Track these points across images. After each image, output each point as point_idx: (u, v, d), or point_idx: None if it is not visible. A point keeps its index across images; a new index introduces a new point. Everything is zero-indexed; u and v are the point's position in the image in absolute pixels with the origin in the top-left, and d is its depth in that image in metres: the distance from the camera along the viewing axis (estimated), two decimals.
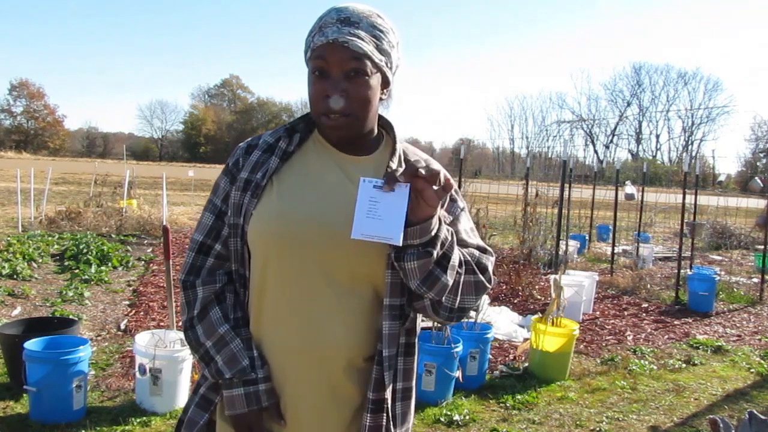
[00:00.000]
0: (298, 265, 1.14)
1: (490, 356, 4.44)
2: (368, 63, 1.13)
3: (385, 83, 1.21)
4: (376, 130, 1.26)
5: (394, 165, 1.22)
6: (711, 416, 2.46)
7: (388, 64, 1.19)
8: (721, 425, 2.55)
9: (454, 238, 1.13)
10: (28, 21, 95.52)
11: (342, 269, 1.14)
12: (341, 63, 1.12)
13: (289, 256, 1.14)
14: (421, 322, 1.31)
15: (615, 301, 7.06)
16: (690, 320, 6.38)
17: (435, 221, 1.07)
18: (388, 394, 1.17)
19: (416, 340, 1.25)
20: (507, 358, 4.71)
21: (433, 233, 1.07)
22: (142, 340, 3.52)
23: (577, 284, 5.92)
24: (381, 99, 1.23)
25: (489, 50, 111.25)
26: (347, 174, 1.20)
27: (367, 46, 1.13)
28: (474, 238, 1.26)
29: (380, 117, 1.27)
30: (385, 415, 1.16)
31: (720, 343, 5.49)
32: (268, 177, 1.19)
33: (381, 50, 1.16)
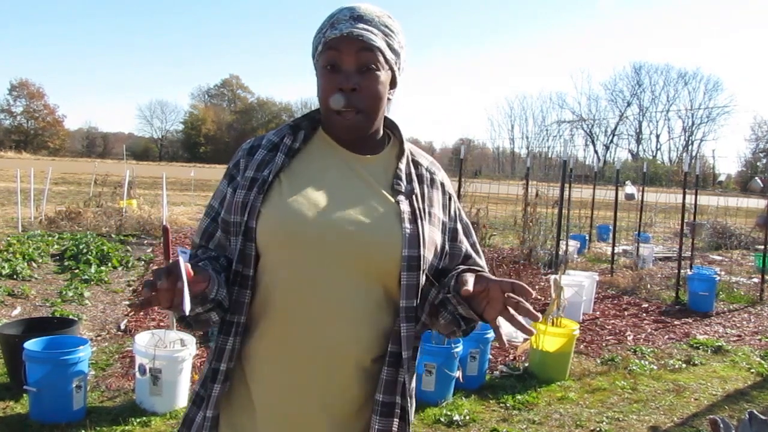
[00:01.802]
0: (309, 263, 1.13)
1: (490, 356, 4.44)
2: (380, 58, 1.15)
3: (393, 83, 1.22)
4: (381, 130, 1.26)
5: (402, 166, 1.22)
6: (711, 416, 2.46)
7: (397, 64, 1.20)
8: (722, 425, 2.55)
9: None
10: (28, 21, 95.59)
11: (353, 269, 1.13)
12: (355, 56, 1.13)
13: (300, 254, 1.13)
14: None
15: (615, 301, 7.06)
16: (690, 320, 6.39)
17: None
18: (406, 399, 1.17)
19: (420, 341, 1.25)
20: (507, 358, 4.72)
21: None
22: (142, 340, 3.52)
23: (578, 284, 5.92)
24: (388, 99, 1.23)
25: (489, 50, 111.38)
26: (355, 172, 1.20)
27: (380, 42, 1.14)
28: (480, 257, 1.29)
29: (385, 117, 1.27)
30: (397, 420, 1.16)
31: (720, 343, 5.49)
32: (276, 174, 1.17)
33: (391, 48, 1.17)
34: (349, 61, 1.13)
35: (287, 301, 1.14)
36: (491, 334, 4.34)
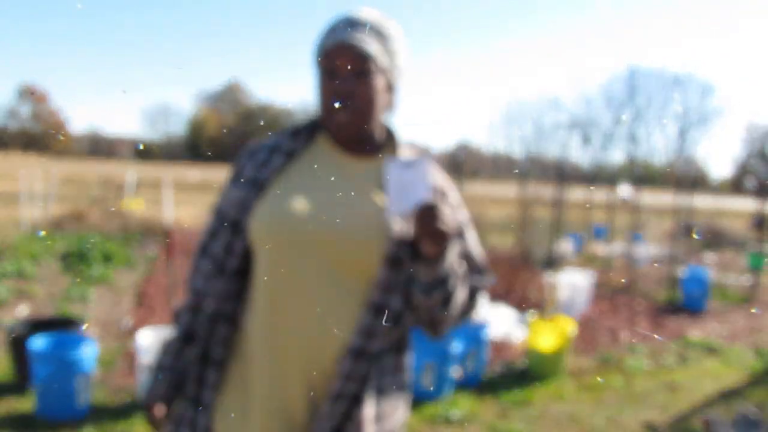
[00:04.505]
0: (299, 262, 1.17)
1: (488, 354, 4.50)
2: (374, 64, 1.18)
3: (390, 87, 1.26)
4: (380, 135, 1.30)
5: None
6: (704, 414, 2.52)
7: (393, 68, 1.24)
8: (714, 423, 2.62)
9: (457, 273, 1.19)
10: (31, 23, 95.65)
11: (337, 267, 1.17)
12: (349, 63, 1.17)
13: (289, 253, 1.17)
14: None
15: (610, 300, 7.10)
16: (684, 319, 6.45)
17: (444, 260, 1.13)
18: (370, 391, 1.19)
19: (408, 338, 1.28)
20: (504, 356, 4.78)
21: (439, 274, 1.13)
22: (145, 338, 3.57)
23: (573, 284, 5.99)
24: (388, 103, 1.27)
25: (488, 51, 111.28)
26: (351, 176, 1.24)
27: (374, 47, 1.18)
28: (478, 255, 1.31)
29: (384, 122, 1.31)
30: (358, 409, 1.18)
31: (713, 342, 5.56)
32: (272, 175, 1.22)
33: (387, 54, 1.21)
34: (345, 67, 1.18)
35: (274, 295, 1.18)
36: (489, 333, 4.39)
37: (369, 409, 1.20)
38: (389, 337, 1.21)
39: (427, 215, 1.07)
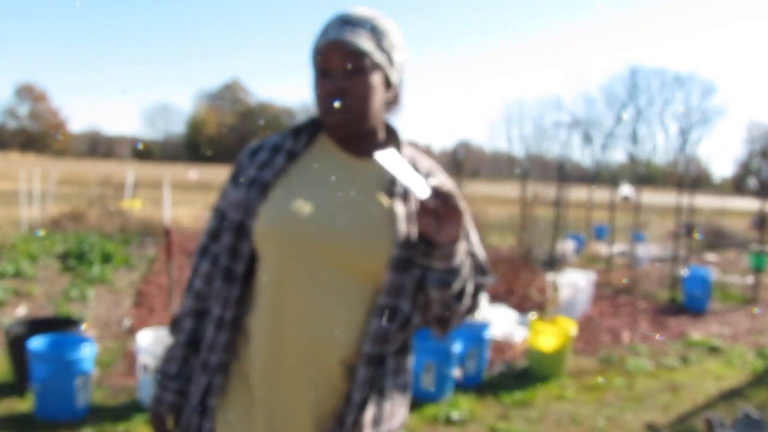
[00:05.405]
0: (302, 263, 1.16)
1: (489, 355, 4.49)
2: (367, 60, 1.17)
3: (388, 84, 1.24)
4: (382, 134, 1.28)
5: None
6: (706, 414, 2.51)
7: (390, 64, 1.22)
8: (716, 423, 2.61)
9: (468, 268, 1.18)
10: (30, 22, 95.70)
11: (344, 269, 1.16)
12: (340, 61, 1.16)
13: (295, 256, 1.16)
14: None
15: (611, 301, 7.11)
16: (685, 319, 6.44)
17: (459, 247, 1.11)
18: (376, 395, 1.18)
19: (410, 340, 1.27)
20: (505, 357, 4.77)
21: (455, 262, 1.12)
22: (145, 338, 3.57)
23: (574, 284, 5.98)
24: (389, 103, 1.26)
25: (489, 50, 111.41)
26: (352, 176, 1.23)
27: (366, 44, 1.16)
28: (480, 254, 1.30)
29: (386, 123, 1.29)
30: (359, 412, 1.17)
31: (715, 342, 5.54)
32: (275, 176, 1.21)
33: (381, 49, 1.19)
34: (337, 65, 1.17)
35: (278, 298, 1.17)
36: (489, 333, 4.39)
37: (368, 412, 1.18)
38: (398, 341, 1.20)
39: (443, 196, 1.07)
